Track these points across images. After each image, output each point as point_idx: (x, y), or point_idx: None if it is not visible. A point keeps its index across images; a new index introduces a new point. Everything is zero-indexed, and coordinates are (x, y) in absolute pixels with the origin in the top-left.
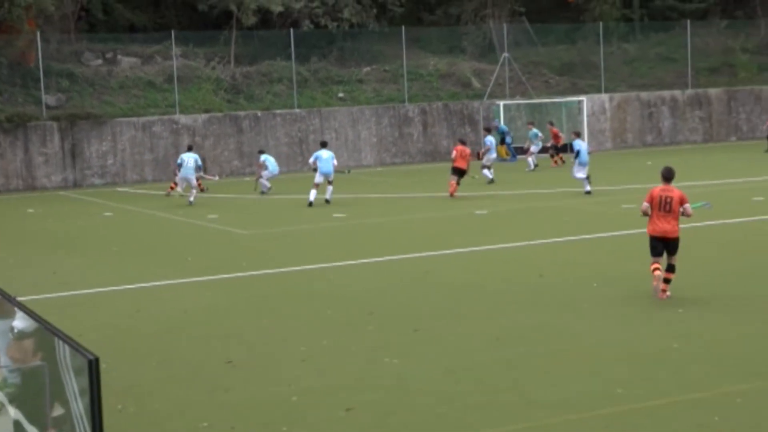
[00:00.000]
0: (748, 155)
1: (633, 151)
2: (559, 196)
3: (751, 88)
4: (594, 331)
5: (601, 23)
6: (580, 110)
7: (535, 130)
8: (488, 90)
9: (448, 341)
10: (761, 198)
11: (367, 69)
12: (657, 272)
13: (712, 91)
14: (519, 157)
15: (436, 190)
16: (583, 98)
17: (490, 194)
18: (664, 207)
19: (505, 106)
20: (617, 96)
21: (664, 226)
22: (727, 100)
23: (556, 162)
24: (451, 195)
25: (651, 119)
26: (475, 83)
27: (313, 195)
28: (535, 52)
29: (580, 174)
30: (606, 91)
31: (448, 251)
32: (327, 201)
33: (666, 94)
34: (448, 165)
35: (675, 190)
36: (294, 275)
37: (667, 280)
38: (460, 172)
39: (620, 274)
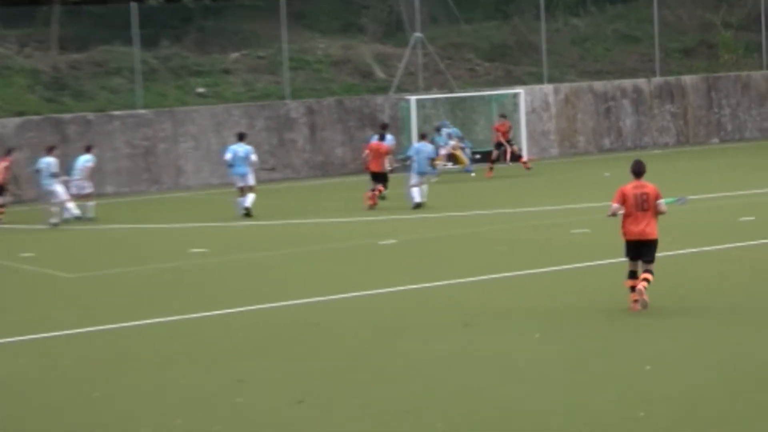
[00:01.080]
0: (735, 162)
1: (586, 158)
2: (490, 219)
3: (737, 74)
4: (535, 399)
5: None
6: (516, 106)
7: (448, 131)
8: (396, 81)
9: (343, 415)
10: (751, 217)
11: (235, 55)
12: (635, 285)
13: (687, 79)
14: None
15: (329, 214)
16: (519, 90)
17: (400, 218)
18: (641, 206)
19: (418, 101)
20: (564, 87)
21: (642, 228)
22: (707, 91)
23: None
24: (370, 206)
25: (609, 117)
26: (379, 72)
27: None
28: (457, 30)
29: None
30: (550, 81)
31: (344, 295)
32: (246, 212)
33: (628, 83)
34: (343, 180)
35: (648, 185)
36: (135, 331)
37: (646, 280)
38: (378, 177)
39: (568, 320)
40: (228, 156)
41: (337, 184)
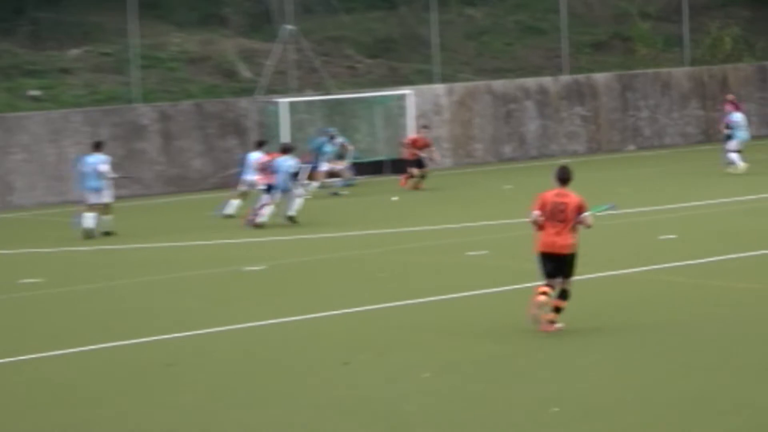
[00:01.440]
0: (654, 172)
1: (484, 169)
2: (375, 240)
3: (656, 71)
4: None
5: None
6: (402, 109)
7: (337, 140)
8: (263, 81)
9: None
10: (672, 236)
11: (75, 52)
12: (541, 297)
13: (599, 78)
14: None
15: (186, 236)
16: (407, 91)
17: (271, 240)
18: (556, 216)
19: (290, 105)
20: (459, 87)
21: (554, 240)
22: (621, 90)
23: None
24: (254, 225)
25: (510, 121)
26: (244, 71)
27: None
28: (335, 22)
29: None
30: (442, 81)
31: (201, 331)
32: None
33: (531, 82)
34: (202, 197)
35: (572, 194)
36: None
37: (557, 309)
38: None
39: (463, 356)
40: (84, 168)
41: (195, 201)
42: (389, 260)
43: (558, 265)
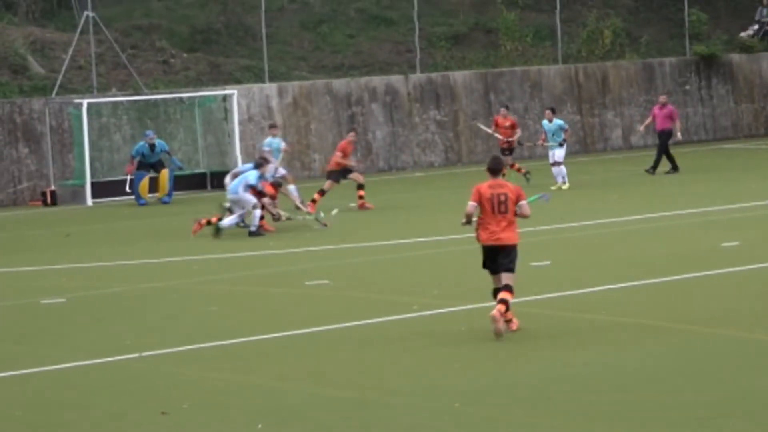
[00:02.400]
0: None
1: (323, 183)
2: (187, 267)
3: (524, 69)
4: None
5: None
6: (227, 113)
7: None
8: (59, 78)
9: None
10: (546, 262)
11: None
12: (500, 307)
13: (458, 76)
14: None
15: None
16: (231, 91)
17: (70, 267)
18: (497, 208)
19: (92, 107)
20: (293, 87)
21: (499, 233)
22: (484, 91)
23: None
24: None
25: (353, 128)
26: (36, 66)
27: None
28: (145, 9)
29: None
30: (273, 79)
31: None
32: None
33: (378, 82)
34: None
35: (508, 184)
36: None
37: (503, 301)
38: None
39: (304, 405)
40: None
41: None
42: (221, 290)
43: (501, 257)
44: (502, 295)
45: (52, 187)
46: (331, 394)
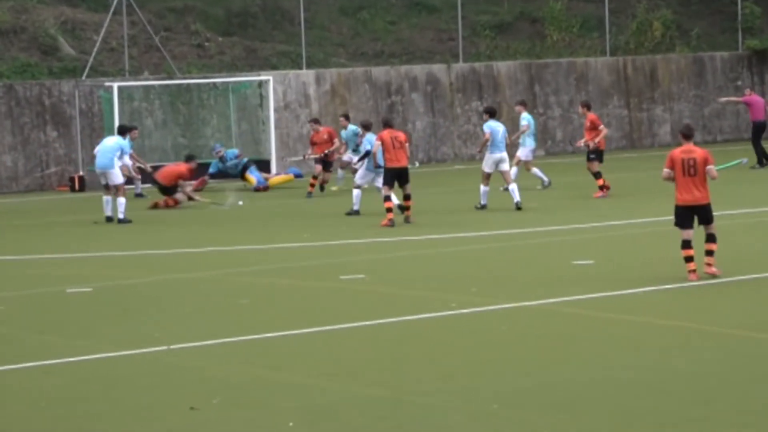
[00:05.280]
0: (568, 182)
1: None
2: (235, 258)
3: (570, 60)
4: None
5: None
6: (262, 99)
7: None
8: (90, 60)
9: None
10: (590, 261)
11: None
12: (691, 264)
13: (502, 67)
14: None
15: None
16: (267, 77)
17: (96, 256)
18: (688, 171)
19: (123, 90)
20: (331, 74)
21: (693, 194)
22: (529, 83)
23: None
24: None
25: (392, 118)
26: (67, 48)
27: None
28: None
29: None
30: (311, 66)
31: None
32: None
33: (419, 70)
34: (15, 201)
35: (697, 149)
36: None
37: (709, 252)
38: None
39: (333, 400)
40: None
41: (6, 206)
42: (253, 283)
43: (698, 215)
44: (708, 246)
45: (81, 173)
46: (365, 393)
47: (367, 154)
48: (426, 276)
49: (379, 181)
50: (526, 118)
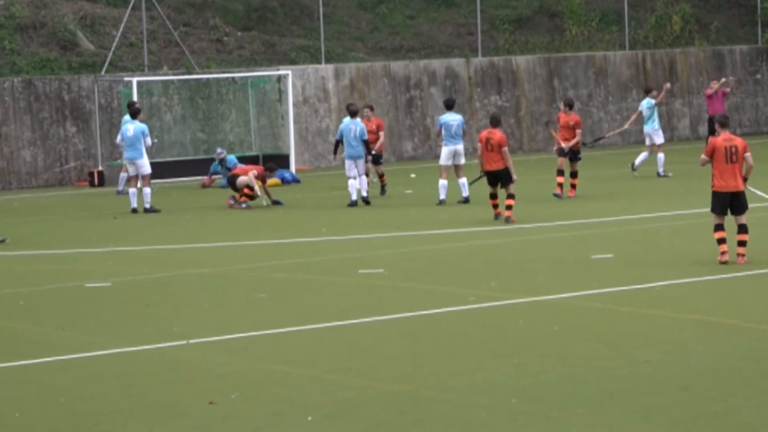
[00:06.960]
0: (590, 175)
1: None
2: (252, 253)
3: (589, 54)
4: None
5: None
6: (281, 94)
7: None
8: (109, 55)
9: None
10: (609, 255)
11: None
12: (724, 245)
13: (521, 61)
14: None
15: (7, 246)
16: (286, 71)
17: (113, 251)
18: (730, 158)
19: (142, 85)
20: (350, 68)
21: (733, 181)
22: (548, 77)
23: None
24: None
25: (411, 112)
26: (86, 42)
27: None
28: None
29: None
30: (329, 60)
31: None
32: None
33: (438, 65)
34: (34, 196)
35: (737, 138)
36: None
37: (742, 243)
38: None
39: (356, 395)
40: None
41: (26, 201)
42: (272, 278)
43: (733, 203)
44: (740, 237)
45: (100, 168)
46: (384, 388)
47: (338, 143)
48: (444, 270)
49: (352, 170)
50: (642, 104)
